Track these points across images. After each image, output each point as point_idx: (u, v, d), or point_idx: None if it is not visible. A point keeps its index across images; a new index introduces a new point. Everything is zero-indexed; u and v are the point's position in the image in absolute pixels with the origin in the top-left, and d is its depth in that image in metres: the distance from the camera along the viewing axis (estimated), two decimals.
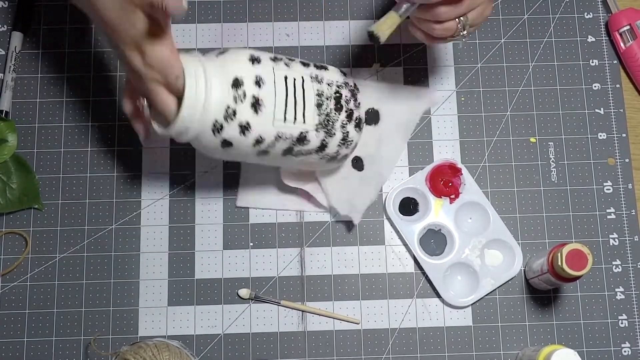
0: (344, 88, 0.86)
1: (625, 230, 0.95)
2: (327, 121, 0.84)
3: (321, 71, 0.86)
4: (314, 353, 0.91)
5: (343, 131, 0.85)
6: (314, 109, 0.83)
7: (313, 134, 0.83)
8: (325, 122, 0.84)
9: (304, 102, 0.83)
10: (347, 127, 0.85)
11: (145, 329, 0.92)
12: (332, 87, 0.85)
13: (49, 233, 0.94)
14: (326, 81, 0.85)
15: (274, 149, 0.82)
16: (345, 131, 0.85)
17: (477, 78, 1.00)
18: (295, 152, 0.84)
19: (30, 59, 0.99)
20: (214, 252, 0.94)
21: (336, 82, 0.86)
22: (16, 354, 0.91)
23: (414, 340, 0.92)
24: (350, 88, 0.86)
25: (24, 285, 0.93)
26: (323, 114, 0.84)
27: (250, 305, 0.93)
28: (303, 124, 0.82)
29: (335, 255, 0.94)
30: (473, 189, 0.95)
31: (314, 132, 0.83)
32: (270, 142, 0.81)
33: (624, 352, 0.92)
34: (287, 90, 0.82)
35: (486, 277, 0.93)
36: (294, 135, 0.82)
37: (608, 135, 0.98)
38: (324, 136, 0.84)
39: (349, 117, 0.85)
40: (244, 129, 0.79)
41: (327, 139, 0.84)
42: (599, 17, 1.02)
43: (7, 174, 0.94)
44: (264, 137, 0.81)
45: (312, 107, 0.83)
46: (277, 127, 0.81)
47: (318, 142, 0.84)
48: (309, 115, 0.83)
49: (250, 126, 0.80)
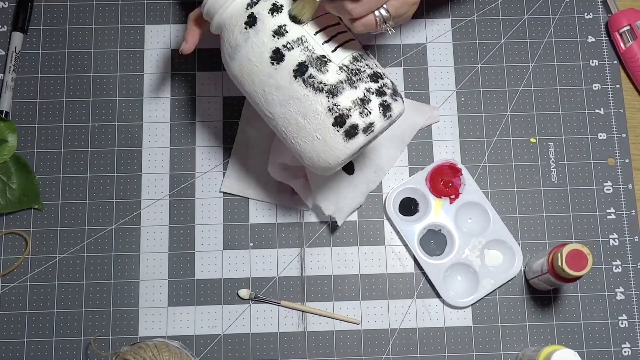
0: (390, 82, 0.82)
1: (625, 230, 0.95)
2: (355, 72, 0.79)
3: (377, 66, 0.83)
4: (314, 353, 0.91)
5: (366, 94, 0.79)
6: (350, 56, 0.80)
7: (335, 67, 0.79)
8: (354, 72, 0.79)
9: (344, 42, 0.80)
10: (372, 96, 0.79)
11: (145, 329, 0.92)
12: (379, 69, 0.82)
13: (49, 233, 0.94)
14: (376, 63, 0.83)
15: (289, 55, 0.79)
16: (367, 96, 0.79)
17: (477, 78, 1.00)
18: (307, 77, 0.79)
19: (30, 59, 0.99)
20: (214, 252, 0.94)
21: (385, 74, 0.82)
22: (16, 354, 0.91)
23: (414, 340, 0.92)
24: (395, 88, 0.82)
25: (24, 285, 0.93)
26: (355, 66, 0.79)
27: (250, 306, 0.93)
28: (331, 52, 0.79)
29: (335, 256, 0.94)
30: (473, 189, 0.95)
31: (336, 67, 0.79)
32: (291, 40, 0.78)
33: (624, 352, 0.92)
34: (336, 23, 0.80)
35: (486, 278, 0.93)
36: (316, 53, 0.79)
37: (608, 135, 0.98)
38: (344, 79, 0.79)
39: (379, 92, 0.79)
40: (275, 9, 0.79)
41: (346, 85, 0.78)
42: (599, 18, 1.02)
43: (7, 174, 0.94)
44: (288, 30, 0.78)
45: (348, 52, 0.80)
46: (305, 30, 0.79)
47: (335, 80, 0.78)
48: (340, 53, 0.79)
49: (281, 10, 0.79)
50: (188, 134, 0.97)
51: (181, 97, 0.99)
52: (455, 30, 1.01)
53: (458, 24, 1.01)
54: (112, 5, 1.01)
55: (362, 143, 0.80)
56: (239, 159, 0.96)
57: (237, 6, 0.80)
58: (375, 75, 0.80)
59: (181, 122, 0.98)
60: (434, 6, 1.02)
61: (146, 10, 1.01)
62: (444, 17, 1.02)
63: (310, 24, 0.79)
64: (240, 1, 0.80)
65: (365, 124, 0.79)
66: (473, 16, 1.02)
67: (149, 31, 1.01)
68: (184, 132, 0.97)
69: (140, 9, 1.01)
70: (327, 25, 0.80)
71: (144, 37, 1.00)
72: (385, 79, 0.81)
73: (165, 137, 0.97)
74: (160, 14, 1.01)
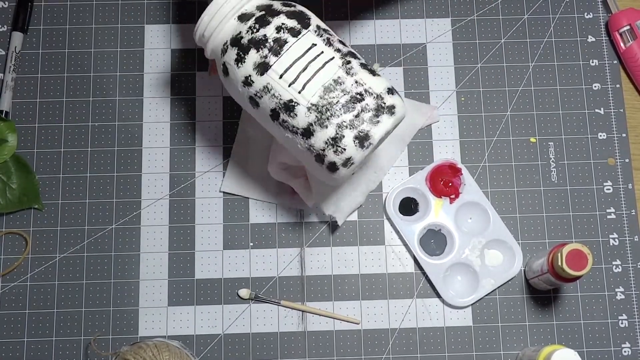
0: (374, 99, 0.79)
1: (625, 230, 0.95)
2: (325, 109, 0.78)
3: (363, 70, 0.80)
4: (314, 353, 0.91)
5: (338, 131, 0.78)
6: (320, 88, 0.78)
7: (303, 109, 0.78)
8: (324, 108, 0.78)
9: (314, 74, 0.78)
10: (344, 131, 0.78)
11: (145, 329, 0.92)
12: (359, 88, 0.79)
13: (49, 233, 0.94)
14: (357, 79, 0.79)
15: (262, 102, 0.80)
16: (340, 133, 0.78)
17: (477, 78, 1.00)
18: (281, 122, 0.80)
19: (30, 59, 0.99)
20: (214, 252, 0.94)
21: (370, 88, 0.79)
22: (16, 354, 0.91)
23: (414, 340, 0.92)
24: (382, 103, 0.79)
25: (24, 285, 0.93)
26: (326, 99, 0.78)
27: (250, 305, 0.93)
28: (298, 93, 0.78)
29: (335, 255, 0.94)
30: (473, 189, 0.95)
31: (304, 109, 0.78)
32: (258, 89, 0.79)
33: (624, 352, 0.92)
34: (303, 53, 0.79)
35: (486, 277, 0.93)
36: (283, 98, 0.79)
37: (608, 135, 0.98)
38: (314, 120, 0.78)
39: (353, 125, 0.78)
40: (239, 59, 0.80)
41: (316, 126, 0.78)
42: (599, 17, 1.02)
43: (7, 174, 0.94)
44: (253, 80, 0.79)
45: (318, 83, 0.78)
46: (270, 77, 0.79)
47: (304, 124, 0.78)
48: (310, 88, 0.78)
49: (245, 60, 0.79)
50: (188, 134, 0.97)
51: (181, 97, 0.99)
52: (455, 30, 1.01)
53: (458, 23, 1.01)
54: (112, 5, 1.01)
55: (348, 173, 0.81)
56: (239, 159, 0.96)
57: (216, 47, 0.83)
58: (352, 99, 0.78)
59: (181, 122, 0.98)
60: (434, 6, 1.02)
61: (146, 10, 1.01)
62: (444, 17, 1.02)
63: (277, 64, 0.79)
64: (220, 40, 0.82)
65: (342, 160, 0.79)
66: (473, 16, 1.02)
67: (149, 31, 1.01)
68: (184, 132, 0.97)
69: (140, 9, 1.01)
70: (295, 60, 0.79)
71: (144, 37, 1.00)
72: (366, 98, 0.79)
73: (165, 137, 0.97)
74: (160, 14, 1.01)
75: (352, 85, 0.79)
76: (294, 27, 0.80)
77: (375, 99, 0.79)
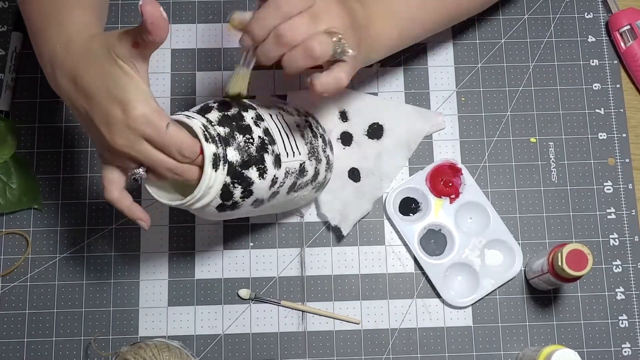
0: (307, 115, 0.87)
1: (626, 230, 0.95)
2: (313, 149, 0.85)
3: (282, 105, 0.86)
4: (314, 353, 0.91)
5: (325, 155, 0.87)
6: (301, 139, 0.83)
7: (308, 163, 0.83)
8: (312, 150, 0.84)
9: (293, 135, 0.82)
10: (327, 151, 0.88)
11: (145, 329, 0.92)
12: (301, 116, 0.86)
13: (49, 233, 0.94)
14: (291, 112, 0.85)
15: (282, 187, 0.80)
16: (326, 155, 0.87)
17: (477, 78, 1.00)
18: (297, 187, 0.83)
19: (30, 59, 0.99)
20: (214, 252, 0.94)
21: (297, 111, 0.86)
22: (16, 354, 0.91)
23: (414, 340, 0.92)
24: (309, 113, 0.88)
25: (24, 285, 0.93)
26: (308, 142, 0.84)
27: (250, 306, 0.93)
28: (299, 155, 0.82)
29: (335, 255, 0.94)
30: (473, 189, 0.95)
31: (308, 162, 0.83)
32: (281, 180, 0.79)
33: (624, 352, 0.92)
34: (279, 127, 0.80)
35: (486, 277, 0.93)
36: (297, 168, 0.81)
37: (608, 135, 0.98)
38: (316, 164, 0.85)
39: (324, 141, 0.87)
40: (263, 171, 0.76)
41: (318, 166, 0.85)
42: (599, 17, 1.02)
43: (7, 174, 0.94)
44: (277, 176, 0.78)
45: (299, 137, 0.83)
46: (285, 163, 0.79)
47: (313, 171, 0.84)
48: (300, 145, 0.82)
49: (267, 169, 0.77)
50: None
51: (181, 97, 0.99)
52: (455, 30, 1.01)
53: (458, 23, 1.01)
54: (112, 5, 1.01)
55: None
56: None
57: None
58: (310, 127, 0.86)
59: None
60: None
61: None
62: None
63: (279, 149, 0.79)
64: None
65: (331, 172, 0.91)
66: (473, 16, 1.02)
67: None
68: None
69: None
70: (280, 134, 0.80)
71: None
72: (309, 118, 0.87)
73: None
74: None
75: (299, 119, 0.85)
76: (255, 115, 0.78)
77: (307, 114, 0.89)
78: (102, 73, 0.68)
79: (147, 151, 0.70)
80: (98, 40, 0.70)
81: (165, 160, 0.71)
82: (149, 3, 0.64)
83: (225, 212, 0.77)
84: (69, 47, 0.71)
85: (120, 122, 0.68)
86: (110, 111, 0.68)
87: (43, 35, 0.73)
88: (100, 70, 0.68)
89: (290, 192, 0.82)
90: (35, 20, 0.75)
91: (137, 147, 0.69)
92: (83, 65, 0.69)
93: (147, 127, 0.68)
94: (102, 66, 0.68)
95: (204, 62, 1.00)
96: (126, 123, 0.68)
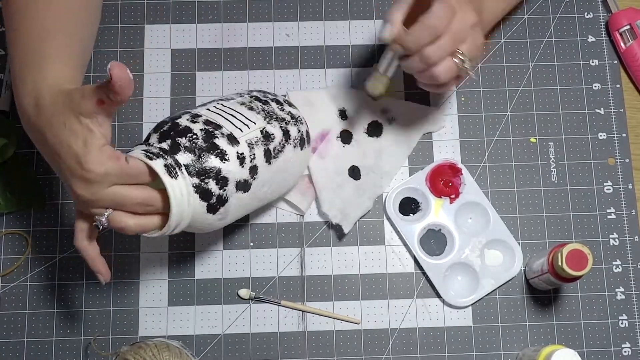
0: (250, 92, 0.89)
1: (625, 230, 0.95)
2: (268, 114, 0.85)
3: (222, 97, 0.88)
4: (314, 353, 0.91)
5: (286, 112, 0.87)
6: (250, 112, 0.84)
7: (269, 127, 0.84)
8: (268, 114, 0.85)
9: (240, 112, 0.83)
10: (285, 108, 0.87)
11: (145, 329, 0.92)
12: (243, 95, 0.87)
13: (49, 233, 0.94)
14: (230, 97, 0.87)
15: (257, 160, 0.81)
16: (287, 112, 0.87)
17: (477, 78, 1.00)
18: (274, 153, 0.83)
19: None
20: (214, 252, 0.94)
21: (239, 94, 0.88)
22: (16, 354, 0.91)
23: (414, 340, 0.92)
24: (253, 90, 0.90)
25: (24, 285, 0.93)
26: (260, 111, 0.85)
27: (250, 306, 0.93)
28: (255, 124, 0.83)
29: (335, 255, 0.94)
30: (473, 189, 0.95)
31: (269, 125, 0.84)
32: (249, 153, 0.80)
33: (624, 352, 0.92)
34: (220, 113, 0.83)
35: (486, 277, 0.93)
36: (259, 137, 0.82)
37: (608, 135, 0.98)
38: (279, 124, 0.85)
39: (277, 102, 0.87)
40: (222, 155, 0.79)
41: (282, 124, 0.85)
42: (599, 17, 1.02)
43: (7, 174, 0.94)
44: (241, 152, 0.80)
45: (247, 110, 0.84)
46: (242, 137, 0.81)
47: (280, 131, 0.84)
48: (251, 116, 0.83)
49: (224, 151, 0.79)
50: None
51: (181, 97, 0.99)
52: None
53: None
54: (112, 5, 1.01)
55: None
56: None
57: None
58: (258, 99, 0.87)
59: None
60: None
61: (146, 10, 1.01)
62: None
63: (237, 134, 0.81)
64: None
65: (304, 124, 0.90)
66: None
67: (149, 31, 1.01)
68: None
69: (140, 9, 1.01)
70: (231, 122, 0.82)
71: (144, 37, 1.00)
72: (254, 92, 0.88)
73: None
74: (160, 14, 1.01)
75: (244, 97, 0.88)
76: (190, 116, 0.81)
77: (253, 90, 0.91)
78: (64, 130, 0.72)
79: (113, 193, 0.73)
80: (62, 97, 0.73)
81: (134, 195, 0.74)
82: (117, 66, 0.68)
83: (219, 211, 0.79)
84: (39, 103, 0.74)
85: (80, 176, 0.72)
86: (71, 166, 0.72)
87: (20, 89, 0.77)
88: (63, 128, 0.72)
89: (271, 160, 0.83)
90: (16, 70, 0.78)
91: (100, 194, 0.73)
92: (48, 123, 0.73)
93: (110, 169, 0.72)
94: (64, 123, 0.72)
95: (204, 62, 1.00)
96: (86, 177, 0.71)
